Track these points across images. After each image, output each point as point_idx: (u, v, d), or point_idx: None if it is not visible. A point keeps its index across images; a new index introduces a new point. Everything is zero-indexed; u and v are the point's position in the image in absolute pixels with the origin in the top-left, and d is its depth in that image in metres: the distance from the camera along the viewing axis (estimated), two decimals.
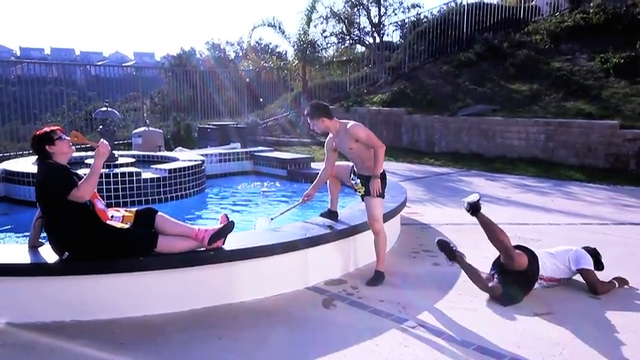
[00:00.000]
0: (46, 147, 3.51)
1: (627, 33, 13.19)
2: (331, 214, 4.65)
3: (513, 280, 3.89)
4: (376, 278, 4.22)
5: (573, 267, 4.06)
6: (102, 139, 3.72)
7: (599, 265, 4.18)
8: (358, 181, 4.40)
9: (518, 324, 3.49)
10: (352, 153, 4.33)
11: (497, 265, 4.07)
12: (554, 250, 4.21)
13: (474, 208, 4.11)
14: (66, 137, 3.61)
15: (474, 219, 4.17)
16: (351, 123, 4.32)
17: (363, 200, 4.39)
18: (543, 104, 12.06)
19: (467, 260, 4.11)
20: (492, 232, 4.03)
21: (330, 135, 4.48)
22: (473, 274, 4.04)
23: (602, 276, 4.11)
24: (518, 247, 4.13)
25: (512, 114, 11.81)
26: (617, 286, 4.07)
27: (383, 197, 4.28)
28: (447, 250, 4.16)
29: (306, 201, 4.72)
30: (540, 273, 3.98)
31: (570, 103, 11.69)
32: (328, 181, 4.74)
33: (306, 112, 4.39)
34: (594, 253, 4.21)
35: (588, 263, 4.05)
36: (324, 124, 4.31)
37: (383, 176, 4.28)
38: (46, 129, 3.59)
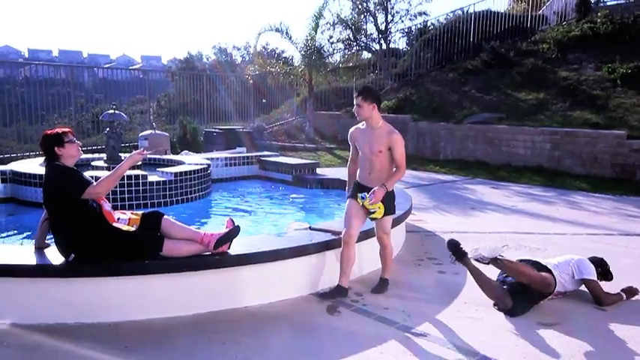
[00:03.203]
0: (55, 148, 3.53)
1: (635, 43, 13.18)
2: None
3: (525, 292, 3.84)
4: (381, 285, 4.18)
5: (576, 276, 4.01)
6: (142, 148, 3.78)
7: (607, 276, 4.13)
8: (373, 198, 3.94)
9: (524, 334, 3.46)
10: (376, 158, 4.01)
11: (510, 281, 4.00)
12: (557, 260, 4.17)
13: (493, 260, 3.85)
14: (76, 140, 3.63)
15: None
16: (396, 131, 4.05)
17: (379, 218, 4.08)
18: (550, 113, 12.04)
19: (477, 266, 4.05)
20: (518, 273, 3.84)
21: (358, 126, 4.17)
22: (483, 281, 3.97)
23: (609, 287, 4.08)
24: (532, 263, 4.06)
25: (519, 122, 11.80)
26: (624, 297, 4.02)
27: (394, 213, 4.20)
28: (457, 250, 3.99)
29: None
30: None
31: (577, 112, 11.66)
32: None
33: (357, 93, 3.99)
34: (601, 264, 4.16)
35: (591, 273, 4.00)
36: (373, 111, 3.96)
37: (392, 192, 4.11)
38: (58, 130, 3.60)
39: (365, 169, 4.12)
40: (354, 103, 4.02)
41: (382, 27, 18.70)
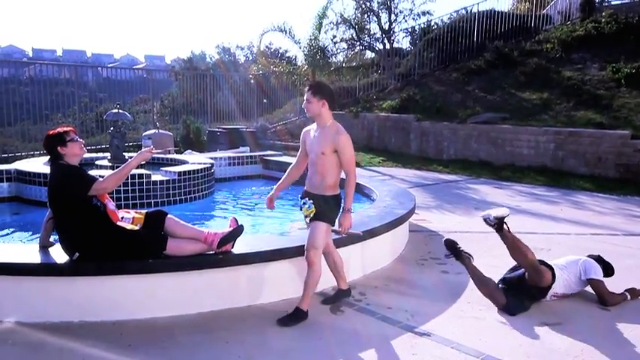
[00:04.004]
0: (58, 148, 3.54)
1: (639, 43, 13.12)
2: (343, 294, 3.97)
3: (521, 293, 3.85)
4: (294, 316, 3.56)
5: (583, 276, 4.01)
6: (151, 146, 3.81)
7: (608, 271, 4.11)
8: (311, 204, 3.65)
9: (528, 334, 3.46)
10: (319, 160, 3.62)
11: (509, 278, 4.02)
12: (564, 261, 4.15)
13: (499, 224, 3.93)
14: (79, 139, 3.63)
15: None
16: (343, 131, 3.64)
17: (307, 224, 3.71)
18: (553, 113, 12.00)
19: (473, 263, 4.08)
20: (517, 248, 3.91)
21: (308, 128, 3.84)
22: (478, 278, 4.01)
23: (613, 287, 4.07)
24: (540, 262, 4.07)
25: (522, 122, 11.77)
26: (629, 298, 4.01)
27: (330, 223, 3.68)
28: (454, 249, 4.13)
29: (271, 208, 4.03)
30: (554, 290, 3.94)
31: (581, 112, 11.63)
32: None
33: (307, 87, 3.71)
34: (600, 260, 4.14)
35: (598, 273, 4.00)
36: (323, 107, 3.60)
37: (338, 201, 3.68)
38: (60, 129, 3.61)
39: (310, 172, 3.75)
40: (304, 98, 3.70)
41: (386, 26, 18.66)
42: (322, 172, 3.63)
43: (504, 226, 3.96)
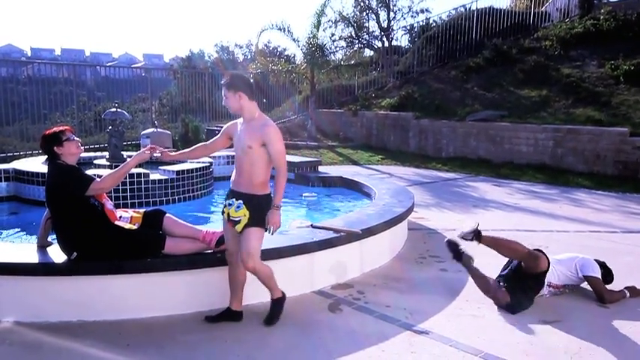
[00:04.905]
0: (55, 148, 3.52)
1: (638, 40, 13.14)
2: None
3: (522, 286, 3.86)
4: (274, 309, 3.56)
5: (580, 273, 4.02)
6: (150, 145, 3.79)
7: (607, 277, 4.12)
8: (241, 204, 3.35)
9: (526, 331, 3.46)
10: (246, 156, 3.36)
11: (506, 274, 4.04)
12: (560, 257, 4.18)
13: (477, 234, 4.03)
14: (75, 138, 3.62)
15: (482, 225, 4.16)
16: (271, 123, 3.41)
17: (240, 231, 3.37)
18: (552, 110, 12.01)
19: (474, 265, 4.09)
20: (502, 246, 3.99)
21: (235, 121, 3.62)
22: (479, 278, 4.02)
23: (612, 285, 4.07)
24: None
25: (521, 120, 11.78)
26: (627, 295, 4.01)
27: (263, 227, 3.37)
28: (456, 251, 4.13)
29: (153, 151, 3.71)
30: (549, 279, 3.96)
31: (579, 109, 11.64)
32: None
33: (223, 81, 3.46)
34: (603, 266, 4.16)
35: (595, 271, 4.01)
36: (240, 101, 3.36)
37: (269, 201, 3.38)
38: (55, 129, 3.59)
39: (236, 170, 3.51)
40: (222, 94, 3.46)
41: (384, 24, 18.68)
42: (250, 170, 3.37)
43: (481, 234, 4.04)
